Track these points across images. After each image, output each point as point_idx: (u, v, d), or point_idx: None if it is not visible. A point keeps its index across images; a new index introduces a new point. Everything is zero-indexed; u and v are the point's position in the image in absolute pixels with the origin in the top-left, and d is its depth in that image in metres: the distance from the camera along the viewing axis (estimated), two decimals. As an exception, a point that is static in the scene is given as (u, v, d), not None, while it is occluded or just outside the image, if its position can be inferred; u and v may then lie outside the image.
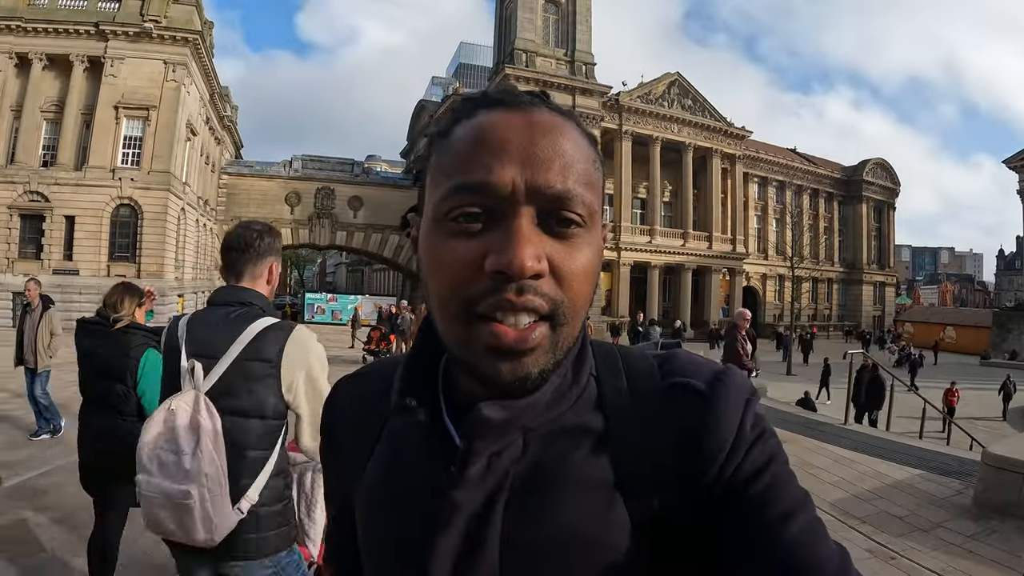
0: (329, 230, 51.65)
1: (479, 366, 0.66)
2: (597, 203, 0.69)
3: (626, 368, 0.77)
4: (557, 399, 0.72)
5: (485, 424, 0.67)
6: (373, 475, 0.81)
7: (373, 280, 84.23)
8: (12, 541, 4.99)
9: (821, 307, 64.82)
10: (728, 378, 0.73)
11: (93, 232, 32.66)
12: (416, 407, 0.73)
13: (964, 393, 21.18)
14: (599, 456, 0.70)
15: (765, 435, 0.70)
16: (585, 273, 0.67)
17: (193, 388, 2.25)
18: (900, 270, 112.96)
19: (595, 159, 0.70)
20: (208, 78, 41.35)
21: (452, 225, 0.66)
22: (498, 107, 0.69)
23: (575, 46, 47.51)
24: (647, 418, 0.72)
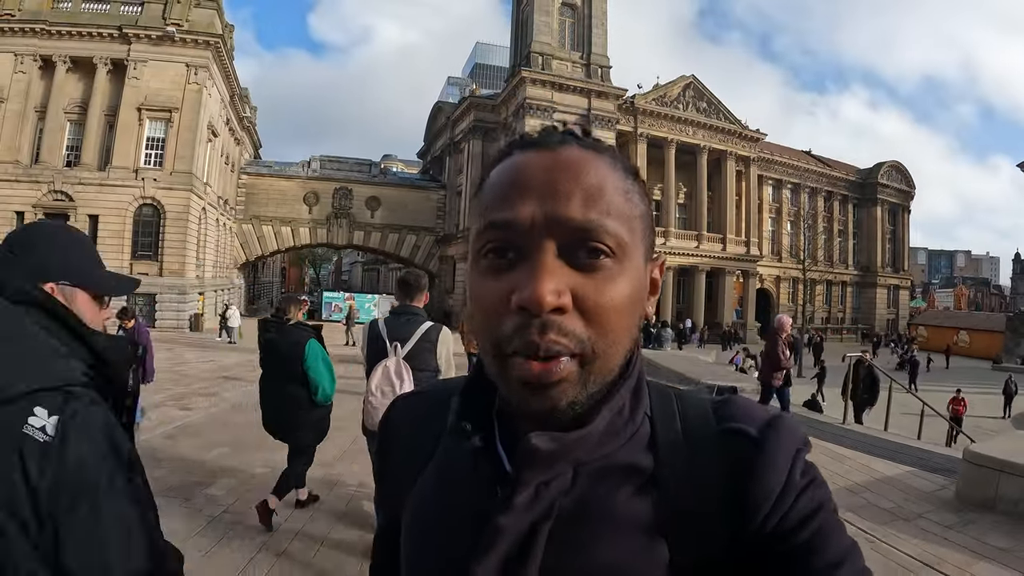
0: (347, 230, 52.28)
1: (512, 397, 0.68)
2: (630, 234, 0.69)
3: (681, 410, 0.78)
4: (610, 435, 0.73)
5: (534, 454, 0.68)
6: (422, 492, 0.84)
7: (389, 279, 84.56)
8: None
9: (835, 310, 64.81)
10: (781, 425, 0.74)
11: (116, 231, 33.32)
12: (471, 431, 0.76)
13: (971, 398, 21.16)
14: (646, 496, 0.71)
15: (815, 483, 0.71)
16: (617, 306, 0.67)
17: (395, 355, 4.26)
18: (916, 273, 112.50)
19: (629, 190, 0.72)
20: (228, 80, 42.02)
21: (484, 262, 0.70)
22: (531, 148, 0.72)
23: (591, 49, 47.72)
24: (697, 462, 0.73)
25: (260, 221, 50.47)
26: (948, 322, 62.81)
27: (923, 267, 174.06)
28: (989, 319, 62.80)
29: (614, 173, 0.70)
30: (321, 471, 6.88)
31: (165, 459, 7.59)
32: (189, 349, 22.67)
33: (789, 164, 60.77)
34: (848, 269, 66.24)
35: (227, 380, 14.96)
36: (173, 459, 7.65)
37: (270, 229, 50.83)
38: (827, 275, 62.87)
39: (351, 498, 6.45)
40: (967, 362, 44.04)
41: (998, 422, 21.30)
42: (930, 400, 13.39)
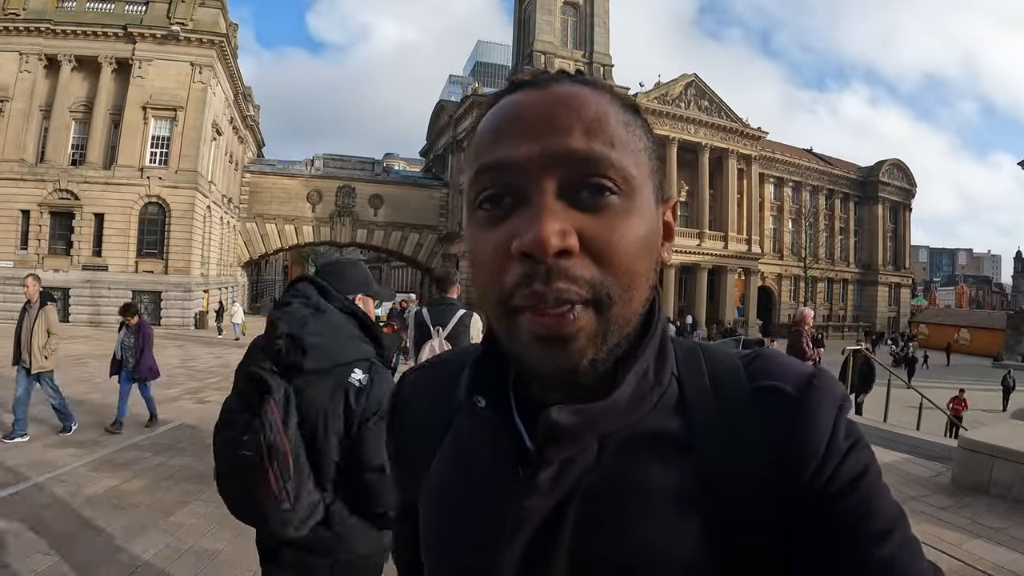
0: (350, 228, 52.43)
1: (526, 357, 0.63)
2: (636, 167, 0.64)
3: (710, 369, 0.73)
4: (636, 402, 0.68)
5: (556, 429, 0.63)
6: (438, 473, 0.79)
7: (391, 277, 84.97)
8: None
9: (836, 308, 64.98)
10: (821, 382, 0.69)
11: (122, 229, 33.52)
12: (484, 406, 0.71)
13: (972, 394, 21.30)
14: (679, 465, 0.66)
15: (859, 445, 0.66)
16: (628, 246, 0.62)
17: (438, 337, 4.91)
18: (918, 271, 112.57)
19: (630, 122, 0.67)
20: (232, 79, 42.24)
21: (481, 213, 0.65)
22: (522, 88, 0.68)
23: (593, 48, 48.02)
24: (732, 424, 0.68)
25: (264, 219, 50.64)
26: (949, 320, 62.94)
27: (925, 265, 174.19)
28: (990, 317, 63.00)
29: (613, 105, 0.66)
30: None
31: (189, 448, 7.97)
32: (196, 346, 22.90)
33: (790, 162, 60.92)
34: (849, 267, 66.40)
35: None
36: (196, 447, 7.99)
37: (273, 227, 50.99)
38: (828, 273, 63.12)
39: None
40: (968, 359, 44.18)
41: (997, 415, 21.48)
42: (931, 396, 13.60)
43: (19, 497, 5.80)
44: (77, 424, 8.59)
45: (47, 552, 4.56)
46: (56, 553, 4.54)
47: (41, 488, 6.07)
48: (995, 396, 24.05)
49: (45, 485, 6.15)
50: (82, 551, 4.62)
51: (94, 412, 9.65)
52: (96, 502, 5.73)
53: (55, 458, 7.09)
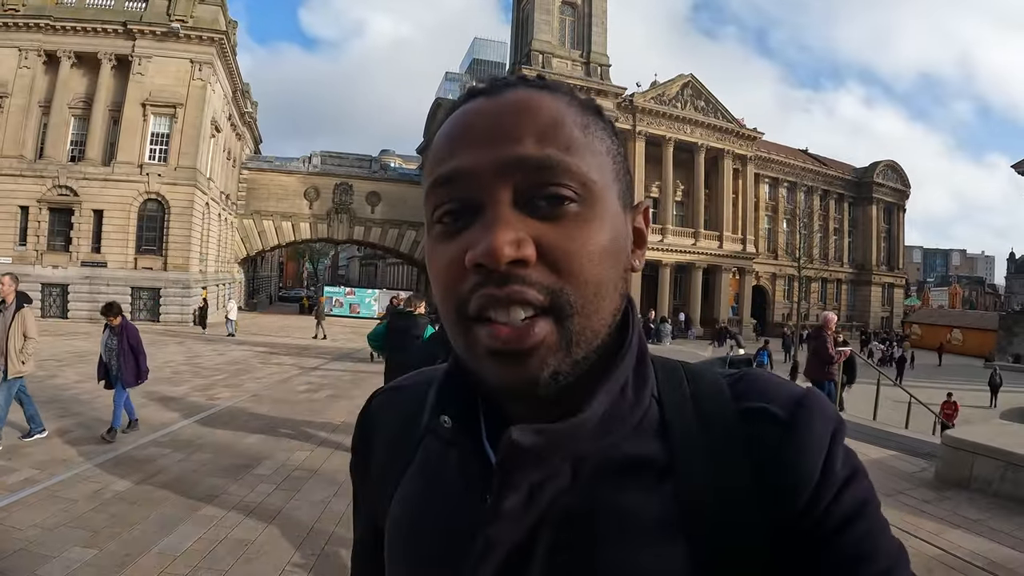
0: (347, 225, 52.66)
1: (482, 372, 0.61)
2: (597, 172, 0.61)
3: (692, 389, 0.69)
4: (612, 423, 0.63)
5: (517, 450, 0.60)
6: (404, 499, 0.75)
7: (387, 274, 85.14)
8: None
9: (830, 307, 65.38)
10: (812, 404, 0.64)
11: (121, 226, 33.61)
12: (451, 426, 0.68)
13: (962, 393, 21.61)
14: (660, 491, 0.62)
15: (858, 475, 0.62)
16: (589, 254, 0.59)
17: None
18: (912, 271, 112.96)
19: (590, 125, 0.64)
20: (231, 76, 42.34)
21: (439, 228, 0.62)
22: (475, 97, 0.65)
23: (591, 47, 48.18)
24: (716, 448, 0.63)
25: (261, 216, 50.81)
26: (942, 320, 63.38)
27: (919, 265, 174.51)
28: (982, 318, 63.44)
29: (571, 108, 0.63)
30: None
31: (207, 444, 8.23)
32: (197, 343, 23.11)
33: (785, 163, 61.28)
34: (843, 267, 66.91)
35: (242, 372, 15.41)
36: (215, 445, 8.25)
37: (271, 224, 51.15)
38: (822, 273, 63.72)
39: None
40: (960, 360, 44.60)
41: (985, 411, 21.98)
42: (921, 396, 13.92)
43: (48, 493, 6.03)
44: (45, 432, 8.13)
45: (86, 545, 4.81)
46: (95, 546, 4.80)
47: (68, 484, 6.30)
48: (985, 395, 24.60)
49: (70, 482, 6.39)
50: (119, 543, 4.89)
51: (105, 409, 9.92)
52: (125, 497, 5.98)
53: (76, 455, 7.34)
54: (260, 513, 5.78)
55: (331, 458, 7.86)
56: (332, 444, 8.52)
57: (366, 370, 16.79)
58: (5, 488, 6.06)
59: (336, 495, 6.42)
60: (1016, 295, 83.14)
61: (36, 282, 31.53)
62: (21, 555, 4.57)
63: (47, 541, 4.86)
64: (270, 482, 6.74)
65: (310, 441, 8.64)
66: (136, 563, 4.54)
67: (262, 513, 5.79)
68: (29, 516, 5.36)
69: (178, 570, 4.49)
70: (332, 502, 6.22)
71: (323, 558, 4.92)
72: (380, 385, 0.82)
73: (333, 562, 4.86)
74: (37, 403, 8.37)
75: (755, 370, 0.71)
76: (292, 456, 7.85)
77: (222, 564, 4.67)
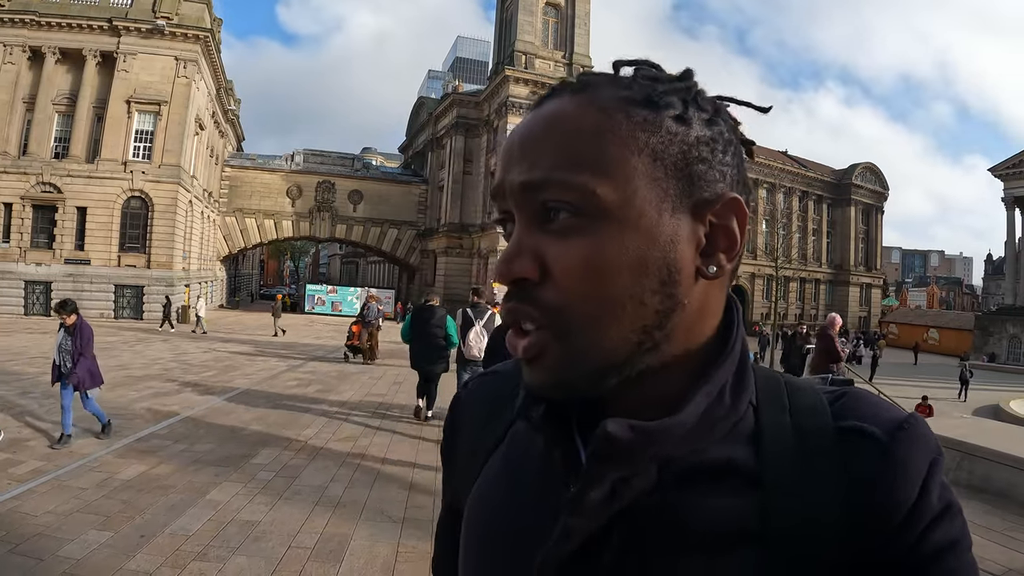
0: (329, 223, 52.92)
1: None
2: (615, 181, 0.57)
3: (791, 401, 0.66)
4: (706, 426, 0.61)
5: (610, 443, 0.58)
6: (487, 481, 0.75)
7: (368, 272, 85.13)
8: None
9: (808, 307, 66.27)
10: (914, 429, 0.61)
11: (104, 223, 33.72)
12: (542, 411, 0.66)
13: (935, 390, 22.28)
14: (746, 500, 0.59)
15: (952, 510, 0.59)
16: (585, 270, 0.57)
17: (477, 325, 8.94)
18: (890, 272, 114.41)
19: (615, 128, 0.58)
20: (216, 73, 42.52)
21: (501, 231, 0.67)
22: (533, 108, 0.64)
23: (573, 49, 48.53)
24: (809, 463, 0.60)
25: (243, 214, 50.91)
26: (919, 320, 64.22)
27: (897, 266, 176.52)
28: (959, 318, 64.32)
29: (588, 113, 0.59)
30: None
31: (206, 435, 8.49)
32: (183, 340, 23.27)
33: (766, 164, 62.00)
34: (822, 267, 67.86)
35: (231, 368, 15.61)
36: (214, 436, 8.52)
37: (253, 222, 51.27)
38: (801, 273, 64.60)
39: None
40: (936, 359, 45.30)
41: (955, 404, 22.81)
42: (893, 392, 14.35)
43: (57, 483, 6.24)
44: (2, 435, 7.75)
45: (101, 529, 5.05)
46: (109, 529, 5.05)
47: (76, 474, 6.52)
48: (955, 390, 25.38)
49: (77, 472, 6.61)
50: (132, 527, 5.14)
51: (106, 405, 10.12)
52: (132, 485, 6.22)
53: (80, 447, 7.55)
54: (263, 498, 6.07)
55: (325, 447, 8.20)
56: (326, 436, 8.83)
57: (346, 369, 17.04)
58: (14, 479, 6.25)
59: (333, 480, 6.78)
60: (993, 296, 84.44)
61: (19, 280, 31.64)
62: (40, 539, 4.80)
63: (63, 526, 5.09)
64: (269, 470, 7.03)
65: (304, 432, 8.94)
66: (151, 543, 4.80)
67: (265, 498, 6.08)
68: (42, 504, 5.57)
69: (192, 548, 4.77)
70: (330, 487, 6.55)
71: (325, 538, 5.21)
72: (365, 380, 0.96)
73: (337, 542, 5.15)
74: (32, 398, 9.00)
75: (858, 389, 0.68)
76: (289, 445, 8.15)
77: (233, 542, 4.96)
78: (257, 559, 4.69)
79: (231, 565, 4.54)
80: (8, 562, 4.37)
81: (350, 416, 10.30)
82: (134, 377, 13.31)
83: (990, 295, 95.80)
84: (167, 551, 4.67)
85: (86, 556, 4.51)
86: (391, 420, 10.16)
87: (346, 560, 4.83)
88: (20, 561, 4.39)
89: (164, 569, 4.37)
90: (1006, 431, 9.16)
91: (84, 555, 4.52)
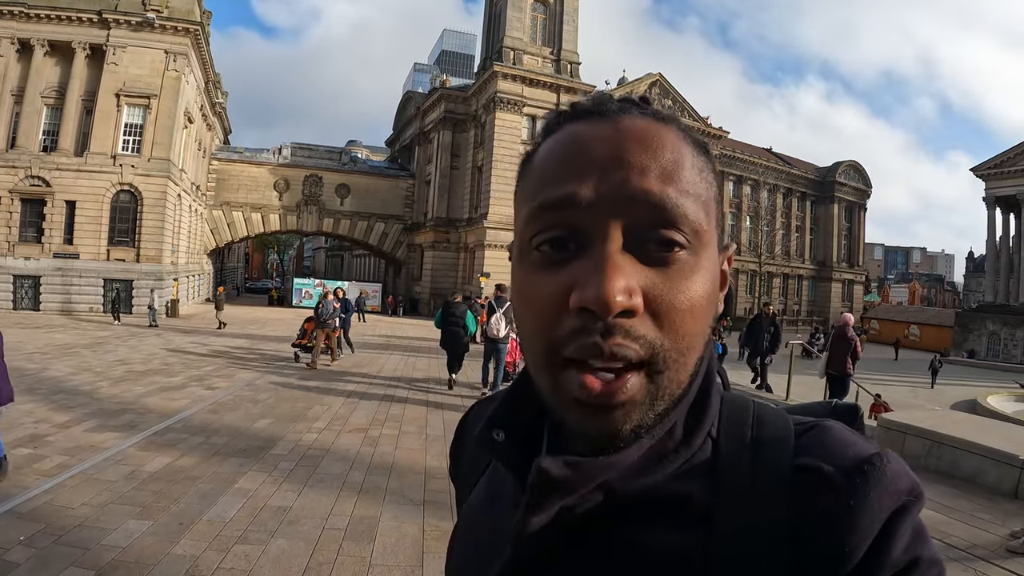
0: (317, 217, 52.99)
1: (565, 417, 0.57)
2: (706, 219, 0.58)
3: (757, 433, 0.62)
4: (654, 462, 0.60)
5: (545, 478, 0.57)
6: (471, 503, 0.78)
7: (353, 266, 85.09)
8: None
9: (791, 303, 67.05)
10: (876, 471, 0.55)
11: (93, 217, 33.52)
12: (503, 440, 0.66)
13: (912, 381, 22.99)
14: (692, 536, 0.57)
15: (922, 564, 0.53)
16: (694, 308, 0.56)
17: (499, 312, 12.27)
18: (872, 268, 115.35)
19: (703, 169, 0.61)
20: (205, 67, 42.28)
21: (537, 255, 0.59)
22: (585, 118, 0.62)
23: (561, 45, 48.69)
24: (760, 501, 0.57)
25: (230, 207, 50.85)
26: (900, 316, 65.09)
27: (880, 262, 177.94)
28: (940, 314, 65.17)
29: (686, 146, 0.60)
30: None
31: (220, 429, 8.76)
32: (173, 334, 23.44)
33: (750, 161, 62.70)
34: (805, 263, 68.68)
35: (232, 363, 15.79)
36: (226, 429, 8.77)
37: (240, 215, 51.21)
38: (784, 269, 65.35)
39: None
40: (916, 354, 45.94)
41: (926, 391, 23.89)
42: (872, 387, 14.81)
43: (85, 476, 6.43)
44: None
45: (139, 518, 5.31)
46: (148, 518, 5.31)
47: (102, 468, 6.73)
48: (933, 388, 26.14)
49: (102, 465, 6.82)
50: (169, 515, 5.42)
51: (108, 400, 10.34)
52: (160, 477, 6.49)
53: (100, 442, 7.75)
54: (289, 485, 6.43)
55: (339, 439, 8.54)
56: (336, 427, 9.16)
57: (349, 359, 17.25)
58: (42, 474, 6.42)
59: (352, 468, 7.17)
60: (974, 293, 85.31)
61: (8, 274, 31.50)
62: (82, 529, 5.03)
63: (102, 517, 5.32)
64: (290, 460, 7.36)
65: (315, 424, 9.28)
66: (192, 529, 5.10)
67: (291, 485, 6.44)
68: (76, 496, 5.78)
69: (232, 533, 5.09)
70: (350, 474, 6.95)
71: (356, 520, 5.56)
72: (360, 377, 1.13)
73: (367, 523, 5.51)
74: (41, 394, 9.26)
75: (831, 422, 0.64)
76: (303, 438, 8.47)
77: (270, 525, 5.30)
78: (296, 541, 5.02)
79: (272, 547, 4.86)
80: (55, 553, 4.56)
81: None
82: (136, 372, 13.56)
83: (971, 292, 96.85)
84: (208, 536, 4.97)
85: (131, 544, 4.77)
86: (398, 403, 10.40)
87: (378, 539, 5.20)
88: (67, 551, 4.58)
89: (209, 553, 4.67)
90: (974, 422, 9.89)
91: (129, 543, 4.78)
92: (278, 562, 4.61)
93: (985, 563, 5.08)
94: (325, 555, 4.78)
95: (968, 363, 43.45)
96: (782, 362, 15.19)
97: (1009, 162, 50.46)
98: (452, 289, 32.02)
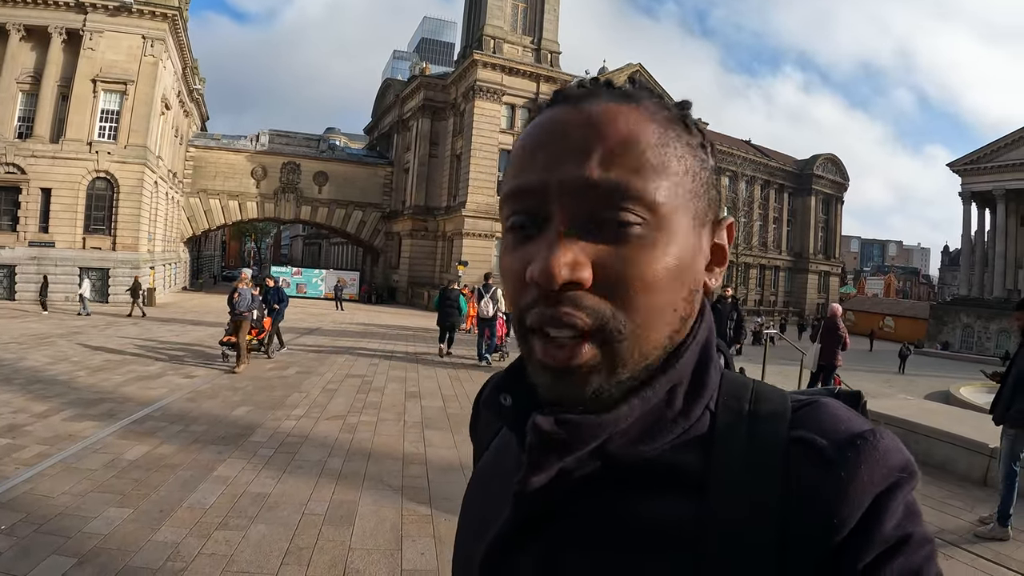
0: (295, 204, 52.94)
1: (535, 379, 0.61)
2: (669, 193, 0.58)
3: (752, 408, 0.63)
4: (653, 430, 0.61)
5: (540, 435, 0.59)
6: (481, 466, 0.82)
7: (331, 254, 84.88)
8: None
9: (768, 293, 67.69)
10: (869, 445, 0.56)
11: (69, 205, 33.30)
12: (510, 404, 0.67)
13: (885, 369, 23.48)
14: (687, 506, 0.58)
15: (911, 542, 0.53)
16: (647, 280, 0.57)
17: (487, 296, 16.10)
18: (849, 260, 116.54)
19: (671, 143, 0.60)
20: (182, 52, 42.10)
21: (510, 236, 0.63)
22: (557, 105, 0.64)
23: (542, 34, 48.87)
24: (753, 473, 0.58)
25: (207, 195, 50.64)
26: (875, 308, 65.99)
27: (856, 255, 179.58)
28: (915, 307, 66.17)
29: (649, 124, 0.60)
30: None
31: (199, 417, 8.79)
32: (152, 324, 23.45)
33: (729, 152, 63.10)
34: (781, 254, 69.37)
35: (206, 351, 15.83)
36: (205, 417, 8.80)
37: (217, 203, 51.03)
38: (761, 260, 65.91)
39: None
40: (891, 346, 46.55)
41: (900, 381, 24.96)
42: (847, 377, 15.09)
43: (64, 465, 6.43)
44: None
45: (120, 506, 5.34)
46: (128, 506, 5.35)
47: (81, 457, 6.74)
48: (904, 377, 26.73)
49: (82, 454, 6.83)
50: (150, 503, 5.46)
51: (86, 389, 10.33)
52: (140, 465, 6.51)
53: (78, 431, 7.76)
54: (268, 472, 6.51)
55: (317, 426, 8.63)
56: (315, 414, 9.24)
57: (328, 346, 17.28)
58: (22, 463, 6.41)
59: (331, 455, 7.26)
60: (948, 286, 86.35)
61: (-16, 261, 31.15)
62: (64, 518, 5.06)
63: (83, 505, 5.36)
64: (268, 447, 7.43)
65: (294, 412, 9.37)
66: (172, 516, 5.16)
67: (270, 472, 6.51)
68: (56, 486, 5.80)
69: (212, 519, 5.15)
70: (329, 461, 7.03)
71: (335, 506, 5.66)
72: (339, 364, 1.17)
73: (346, 509, 5.60)
74: (18, 384, 9.28)
75: (828, 399, 0.65)
76: (281, 425, 8.54)
77: (250, 511, 5.37)
78: (276, 526, 5.10)
79: (253, 532, 4.94)
80: (37, 541, 4.58)
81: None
82: (114, 361, 13.55)
83: (946, 285, 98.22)
84: (189, 523, 5.04)
85: (112, 531, 4.82)
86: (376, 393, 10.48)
87: (357, 523, 5.30)
88: (49, 540, 4.61)
89: (190, 539, 4.73)
90: (947, 412, 10.01)
91: (110, 530, 4.82)
92: (259, 547, 4.69)
93: (954, 547, 5.27)
94: (305, 540, 4.86)
95: (942, 355, 44.14)
96: (755, 353, 15.42)
97: (985, 158, 51.21)
98: (430, 277, 36.34)
